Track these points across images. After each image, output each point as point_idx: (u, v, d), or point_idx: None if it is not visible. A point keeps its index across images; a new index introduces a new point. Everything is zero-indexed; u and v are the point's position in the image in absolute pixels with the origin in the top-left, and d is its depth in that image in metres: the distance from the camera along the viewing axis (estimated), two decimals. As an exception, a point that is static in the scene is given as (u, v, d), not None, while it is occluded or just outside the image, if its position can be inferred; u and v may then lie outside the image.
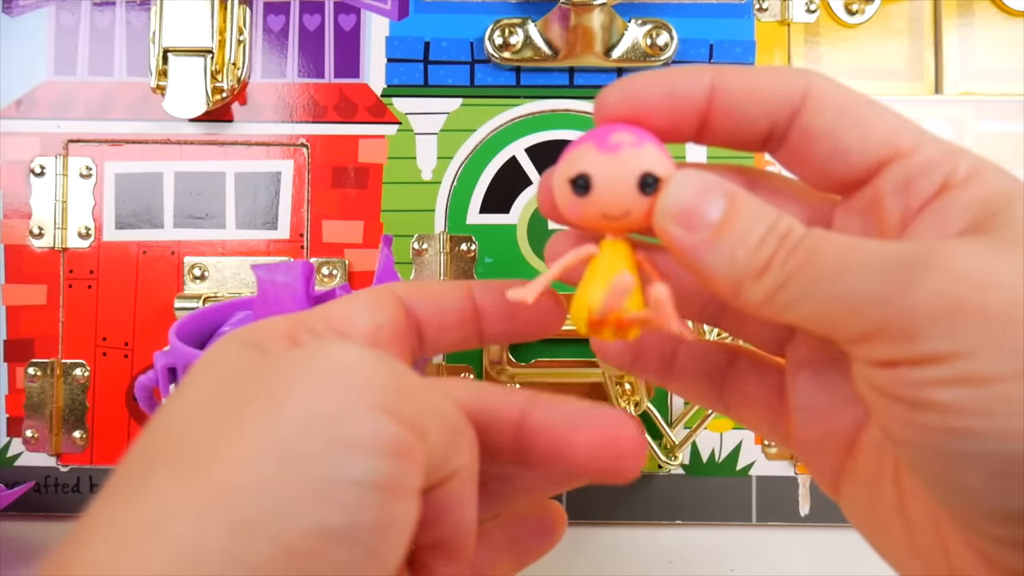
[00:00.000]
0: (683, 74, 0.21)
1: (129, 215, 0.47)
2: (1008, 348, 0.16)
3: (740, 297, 0.19)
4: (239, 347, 0.19)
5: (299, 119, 0.48)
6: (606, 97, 0.21)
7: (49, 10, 0.48)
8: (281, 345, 0.19)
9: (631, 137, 0.20)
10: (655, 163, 0.20)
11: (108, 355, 0.47)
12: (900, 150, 0.19)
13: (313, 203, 0.47)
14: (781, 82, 0.20)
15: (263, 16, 0.48)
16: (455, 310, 0.23)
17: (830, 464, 0.22)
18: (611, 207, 0.20)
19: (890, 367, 0.17)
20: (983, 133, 0.48)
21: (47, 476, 0.46)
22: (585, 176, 0.20)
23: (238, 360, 0.18)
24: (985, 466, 0.16)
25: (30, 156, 0.47)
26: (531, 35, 0.47)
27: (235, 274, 0.47)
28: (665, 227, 0.19)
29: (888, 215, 0.20)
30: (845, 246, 0.18)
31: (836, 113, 0.20)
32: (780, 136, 0.21)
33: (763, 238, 0.19)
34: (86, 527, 0.16)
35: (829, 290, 0.18)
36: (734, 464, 0.46)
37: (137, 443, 0.17)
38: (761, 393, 0.23)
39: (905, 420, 0.17)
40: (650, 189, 0.20)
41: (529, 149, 0.48)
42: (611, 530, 0.46)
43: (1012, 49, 0.48)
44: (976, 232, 0.18)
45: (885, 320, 0.17)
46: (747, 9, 0.48)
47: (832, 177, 0.20)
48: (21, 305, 0.47)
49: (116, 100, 0.47)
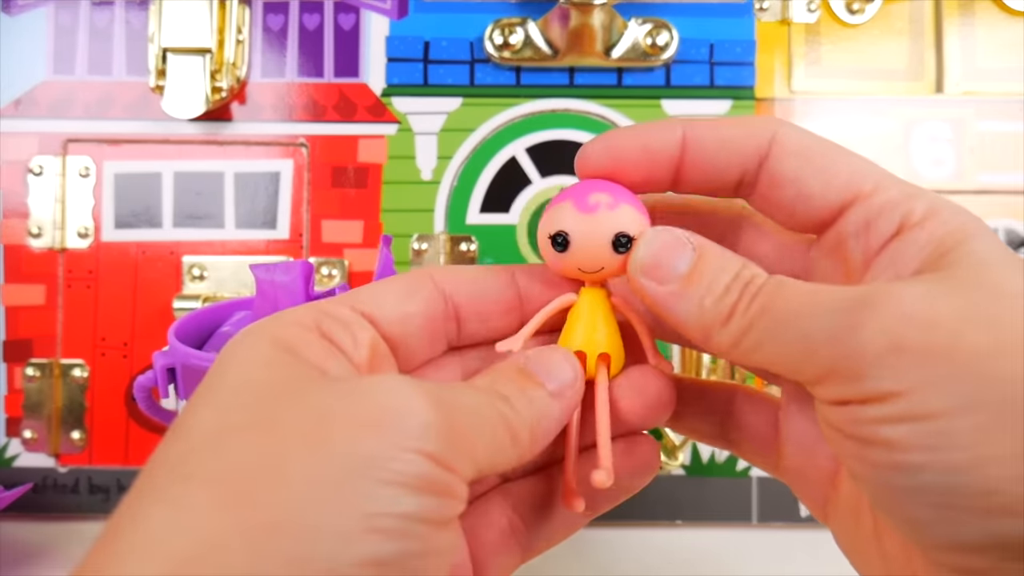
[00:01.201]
0: (656, 128, 0.22)
1: (128, 215, 0.47)
2: (948, 385, 0.16)
3: (710, 342, 0.20)
4: (270, 348, 0.19)
5: (298, 119, 0.47)
6: (587, 152, 0.22)
7: (48, 9, 0.48)
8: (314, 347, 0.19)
9: (608, 198, 0.22)
10: (629, 223, 0.21)
11: (107, 355, 0.46)
12: (860, 193, 0.20)
13: (312, 203, 0.47)
14: (749, 132, 0.21)
15: (262, 15, 0.48)
16: (497, 299, 0.23)
17: (817, 493, 0.23)
18: (587, 263, 0.22)
19: (842, 406, 0.18)
20: (984, 133, 0.47)
21: (46, 476, 0.46)
22: (564, 234, 0.22)
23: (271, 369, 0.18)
24: (930, 499, 0.17)
25: (29, 156, 0.47)
26: (531, 35, 0.47)
27: (234, 274, 0.47)
28: (637, 281, 0.21)
29: (851, 256, 0.21)
30: (804, 291, 0.19)
31: (800, 159, 0.21)
32: (751, 182, 0.22)
33: (728, 286, 0.20)
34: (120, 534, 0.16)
35: (787, 333, 0.19)
36: (734, 464, 0.46)
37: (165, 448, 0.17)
38: (758, 426, 0.24)
39: (858, 456, 0.18)
40: (623, 248, 0.21)
41: (529, 149, 0.48)
42: (611, 530, 0.46)
43: (1013, 49, 0.48)
44: (929, 271, 0.19)
45: (835, 361, 0.18)
46: (747, 9, 0.48)
47: (800, 219, 0.22)
48: (20, 305, 0.47)
49: (115, 100, 0.47)
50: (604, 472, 0.22)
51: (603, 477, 0.22)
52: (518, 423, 0.20)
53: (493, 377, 0.21)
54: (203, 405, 0.18)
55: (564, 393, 0.21)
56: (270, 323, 0.19)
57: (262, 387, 0.18)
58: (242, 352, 0.19)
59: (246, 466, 0.16)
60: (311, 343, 0.19)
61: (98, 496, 0.46)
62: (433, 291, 0.22)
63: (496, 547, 0.23)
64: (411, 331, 0.21)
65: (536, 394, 0.21)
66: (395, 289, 0.22)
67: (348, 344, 0.20)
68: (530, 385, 0.21)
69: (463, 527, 0.22)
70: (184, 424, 0.18)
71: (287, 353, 0.18)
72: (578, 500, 0.22)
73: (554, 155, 0.48)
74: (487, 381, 0.21)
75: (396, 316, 0.21)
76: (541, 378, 0.21)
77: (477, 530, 0.23)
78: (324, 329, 0.19)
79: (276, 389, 0.18)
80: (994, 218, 0.47)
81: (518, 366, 0.21)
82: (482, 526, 0.23)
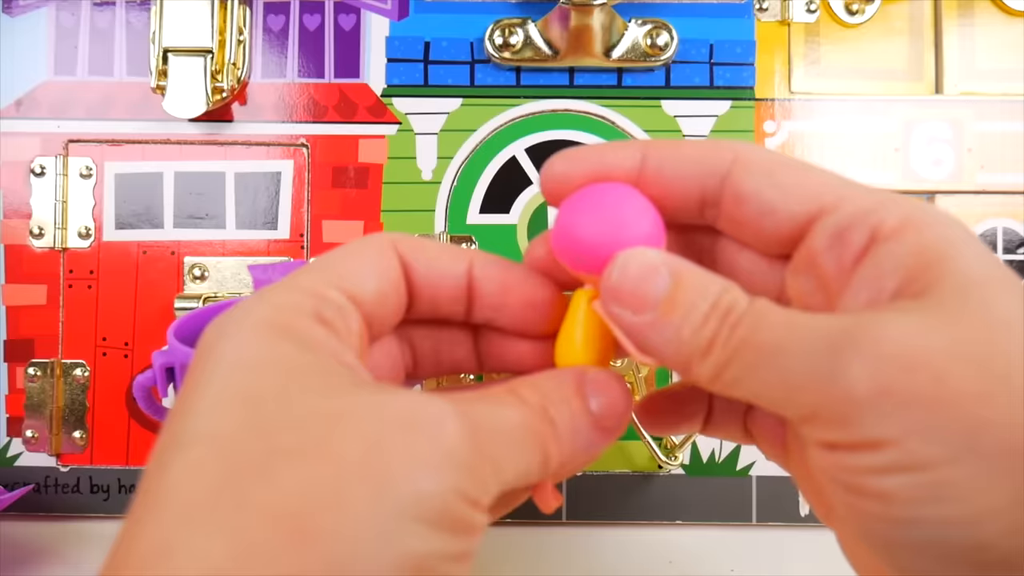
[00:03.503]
0: (615, 149, 0.21)
1: (129, 215, 0.47)
2: (939, 432, 0.15)
3: (691, 374, 0.19)
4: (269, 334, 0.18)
5: (299, 119, 0.47)
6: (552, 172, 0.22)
7: (49, 10, 0.48)
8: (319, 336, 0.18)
9: None
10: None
11: (108, 355, 0.47)
12: (824, 206, 0.19)
13: (313, 203, 0.47)
14: (709, 151, 0.21)
15: (263, 16, 0.48)
16: (451, 284, 0.22)
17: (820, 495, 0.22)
18: None
19: (830, 450, 0.17)
20: (983, 133, 0.47)
21: (47, 476, 0.46)
22: None
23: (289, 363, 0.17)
24: (923, 551, 0.16)
25: (30, 156, 0.47)
26: (531, 35, 0.47)
27: (235, 274, 0.47)
28: (610, 310, 0.20)
29: (826, 272, 0.20)
30: (783, 323, 0.18)
31: (760, 176, 0.20)
32: (713, 202, 0.21)
33: (707, 315, 0.18)
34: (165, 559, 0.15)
35: (769, 371, 0.17)
36: (734, 464, 0.46)
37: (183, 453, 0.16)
38: (770, 427, 0.24)
39: (848, 504, 0.17)
40: None
41: (529, 149, 0.48)
42: (611, 530, 0.46)
43: (1013, 49, 0.48)
44: (910, 294, 0.17)
45: (820, 403, 0.17)
46: (747, 9, 0.48)
47: (769, 237, 0.21)
48: (21, 305, 0.47)
49: (116, 100, 0.47)
50: None
51: None
52: (555, 452, 0.19)
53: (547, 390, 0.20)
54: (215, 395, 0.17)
55: (613, 431, 0.20)
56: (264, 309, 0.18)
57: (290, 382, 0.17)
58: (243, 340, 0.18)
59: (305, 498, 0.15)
60: (315, 332, 0.18)
61: (99, 496, 0.46)
62: (398, 264, 0.21)
63: None
64: (386, 308, 0.21)
65: (583, 423, 0.20)
66: (372, 265, 0.21)
67: (343, 330, 0.19)
68: (583, 413, 0.20)
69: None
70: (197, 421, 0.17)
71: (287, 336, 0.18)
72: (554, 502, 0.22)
73: (554, 155, 0.48)
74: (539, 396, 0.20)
75: (375, 296, 0.20)
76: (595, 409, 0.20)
77: None
78: (323, 316, 0.19)
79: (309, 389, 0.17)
80: (993, 218, 0.47)
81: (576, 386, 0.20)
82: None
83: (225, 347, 0.18)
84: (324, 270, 0.20)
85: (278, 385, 0.17)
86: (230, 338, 0.18)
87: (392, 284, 0.21)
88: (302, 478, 0.16)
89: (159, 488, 0.16)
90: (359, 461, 0.16)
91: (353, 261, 0.20)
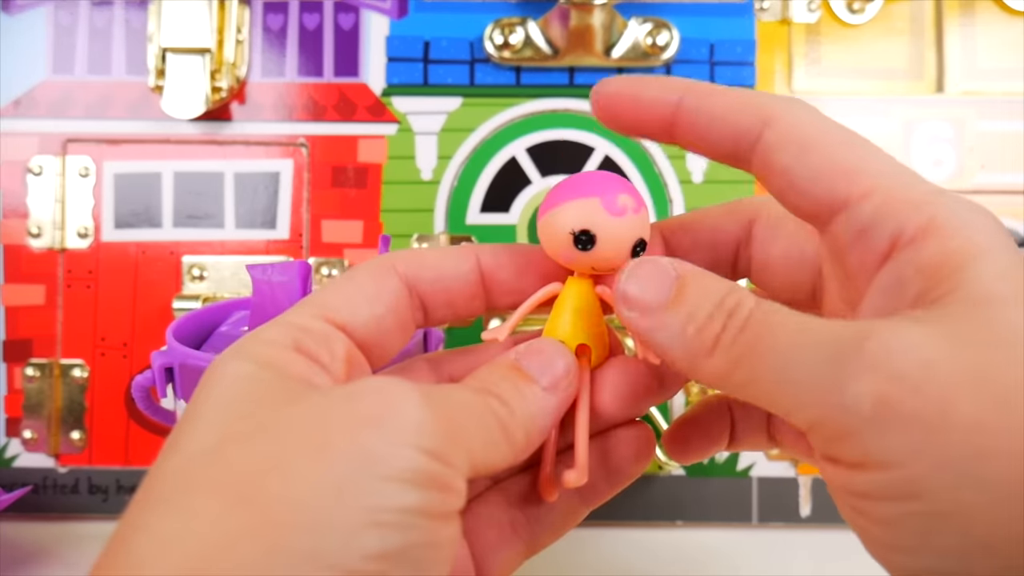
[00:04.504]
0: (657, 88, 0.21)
1: (128, 215, 0.47)
2: (941, 460, 0.15)
3: (698, 372, 0.19)
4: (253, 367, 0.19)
5: (298, 118, 0.47)
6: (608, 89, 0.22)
7: (47, 9, 0.48)
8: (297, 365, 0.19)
9: (632, 201, 0.21)
10: (646, 229, 0.22)
11: (107, 355, 0.46)
12: (850, 197, 0.19)
13: (312, 203, 0.47)
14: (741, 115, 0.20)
15: (262, 15, 0.48)
16: (462, 285, 0.23)
17: None
18: (604, 264, 0.22)
19: (833, 464, 0.17)
20: (984, 133, 0.47)
21: (45, 477, 0.46)
22: (591, 234, 0.21)
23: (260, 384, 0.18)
24: None
25: (28, 156, 0.47)
26: (531, 34, 0.46)
27: (234, 274, 0.47)
28: (622, 314, 0.20)
29: (851, 267, 0.19)
30: (793, 328, 0.18)
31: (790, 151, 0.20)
32: (746, 159, 0.21)
33: (711, 314, 0.19)
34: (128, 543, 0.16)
35: (776, 377, 0.17)
36: (735, 465, 0.46)
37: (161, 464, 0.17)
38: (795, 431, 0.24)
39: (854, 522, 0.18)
40: (639, 252, 0.22)
41: (529, 149, 0.48)
42: (611, 530, 0.46)
43: (1014, 48, 0.48)
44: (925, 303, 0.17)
45: (823, 417, 0.17)
46: (748, 8, 0.48)
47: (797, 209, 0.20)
48: (19, 305, 0.47)
49: (115, 99, 0.47)
50: (577, 472, 0.21)
51: (575, 477, 0.21)
52: (513, 422, 0.20)
53: (485, 375, 0.21)
54: (195, 422, 0.18)
55: (558, 387, 0.21)
56: (247, 344, 0.19)
57: (255, 399, 0.18)
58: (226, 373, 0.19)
59: (250, 471, 0.16)
60: (292, 361, 0.19)
61: (98, 496, 0.46)
62: (399, 284, 0.22)
63: (498, 543, 0.23)
64: (383, 331, 0.21)
65: (529, 390, 0.20)
66: (363, 291, 0.21)
67: (326, 358, 0.20)
68: (523, 381, 0.20)
69: (464, 528, 0.22)
70: (178, 441, 0.18)
71: (271, 371, 0.19)
72: (553, 489, 0.22)
73: (554, 155, 0.47)
74: (479, 380, 0.20)
75: (368, 320, 0.21)
76: (533, 373, 0.21)
77: (479, 529, 0.23)
78: (302, 347, 0.19)
79: (269, 400, 0.18)
80: (995, 218, 0.47)
81: (509, 362, 0.21)
82: (483, 525, 0.23)
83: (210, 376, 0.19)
84: (311, 303, 0.21)
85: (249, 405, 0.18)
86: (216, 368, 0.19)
87: (388, 306, 0.21)
88: (247, 454, 0.17)
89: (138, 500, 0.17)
90: (304, 433, 0.17)
91: (345, 290, 0.21)
